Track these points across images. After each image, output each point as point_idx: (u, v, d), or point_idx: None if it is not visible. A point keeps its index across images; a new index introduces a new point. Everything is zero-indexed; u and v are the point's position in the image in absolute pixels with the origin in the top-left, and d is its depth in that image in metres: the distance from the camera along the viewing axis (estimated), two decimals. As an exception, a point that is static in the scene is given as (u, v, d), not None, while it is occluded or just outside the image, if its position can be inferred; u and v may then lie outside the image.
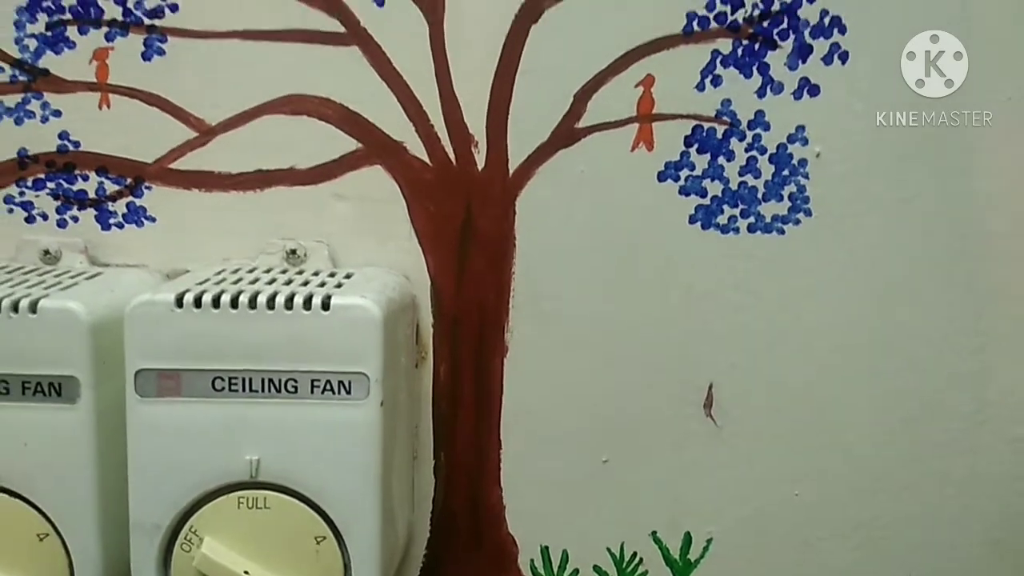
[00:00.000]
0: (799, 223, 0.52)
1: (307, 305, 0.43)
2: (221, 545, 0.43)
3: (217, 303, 0.43)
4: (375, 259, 0.52)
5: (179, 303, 0.43)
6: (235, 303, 0.43)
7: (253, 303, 0.43)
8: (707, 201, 0.52)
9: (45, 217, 0.52)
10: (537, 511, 0.55)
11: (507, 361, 0.53)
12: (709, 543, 0.55)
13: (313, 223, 0.52)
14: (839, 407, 0.54)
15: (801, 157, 0.52)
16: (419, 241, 0.52)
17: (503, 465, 0.54)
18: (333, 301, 0.43)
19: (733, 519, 0.55)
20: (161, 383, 0.43)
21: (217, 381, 0.43)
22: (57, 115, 0.51)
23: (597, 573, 0.55)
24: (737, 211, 0.52)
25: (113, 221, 0.52)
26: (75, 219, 0.52)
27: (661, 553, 0.55)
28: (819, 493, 0.55)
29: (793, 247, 0.52)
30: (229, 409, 0.43)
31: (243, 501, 0.44)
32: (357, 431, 0.44)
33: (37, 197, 0.51)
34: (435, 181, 0.52)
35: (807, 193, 0.52)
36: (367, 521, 0.44)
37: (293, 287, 0.45)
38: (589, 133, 0.51)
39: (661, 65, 0.50)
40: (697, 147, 0.52)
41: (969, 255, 0.53)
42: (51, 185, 0.51)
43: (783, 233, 0.52)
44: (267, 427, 0.43)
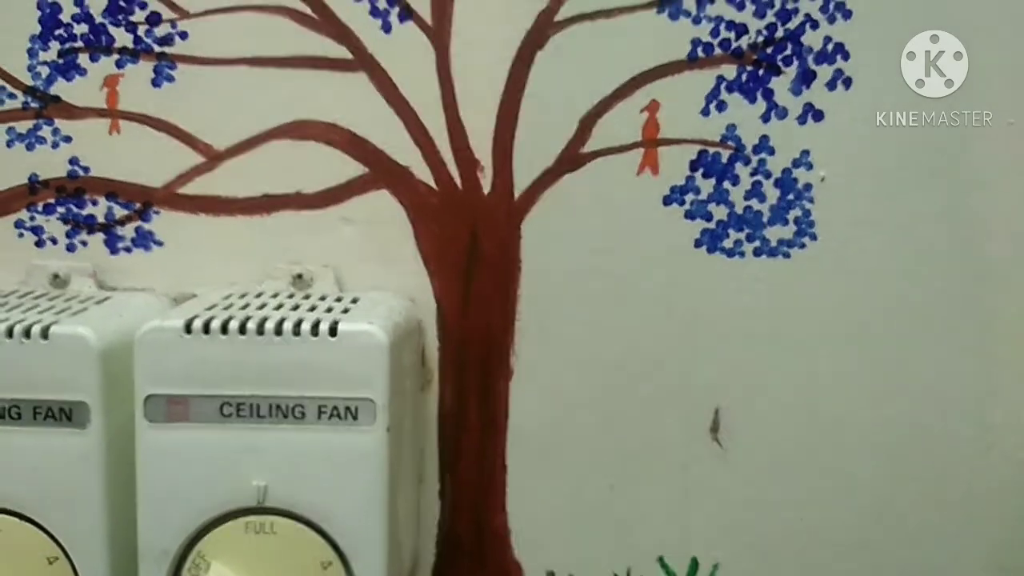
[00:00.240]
0: (804, 247, 0.53)
1: (314, 331, 0.44)
2: (228, 570, 0.43)
3: (225, 329, 0.43)
4: (381, 283, 0.52)
5: (188, 329, 0.43)
6: (243, 329, 0.43)
7: (261, 329, 0.43)
8: (712, 225, 0.52)
9: (55, 241, 0.52)
10: (543, 536, 0.55)
11: (513, 384, 0.54)
12: (716, 568, 0.55)
13: (320, 247, 0.52)
14: (844, 431, 0.54)
15: (806, 181, 0.52)
16: (425, 265, 0.53)
17: (509, 489, 0.54)
18: (340, 327, 0.44)
19: (739, 544, 0.55)
20: (170, 408, 0.43)
21: (225, 407, 0.43)
22: (68, 141, 0.51)
23: (603, 597, 0.55)
24: (743, 235, 0.52)
25: (122, 245, 0.52)
26: (84, 243, 0.52)
27: (667, 577, 0.55)
28: (825, 517, 0.55)
29: (799, 271, 0.53)
30: (237, 435, 0.43)
31: (250, 526, 0.44)
32: (364, 457, 0.44)
33: (47, 222, 0.52)
34: (441, 205, 0.52)
35: (812, 217, 0.52)
36: (373, 546, 0.44)
37: (300, 313, 0.46)
38: (595, 158, 0.52)
39: (666, 91, 0.51)
40: (702, 172, 0.52)
41: (974, 279, 0.53)
42: (61, 210, 0.52)
43: (788, 257, 0.53)
44: (274, 453, 0.44)
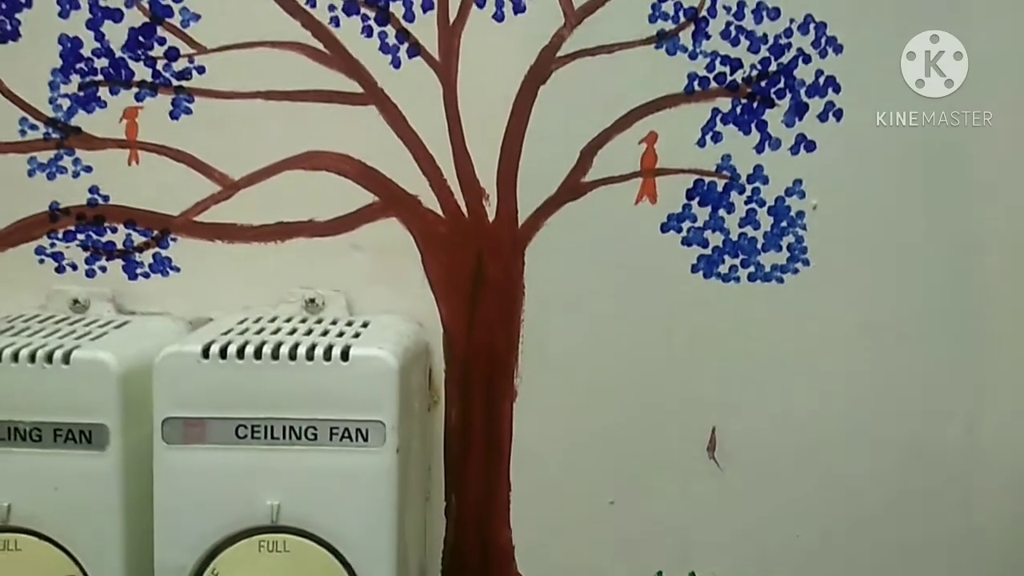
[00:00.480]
0: (797, 272, 0.54)
1: (327, 356, 0.45)
2: (242, 587, 0.45)
3: (241, 354, 0.45)
4: (390, 307, 0.54)
5: (205, 354, 0.45)
6: (258, 354, 0.45)
7: (276, 354, 0.45)
8: (709, 251, 0.54)
9: (75, 267, 0.54)
10: (546, 551, 0.56)
11: (516, 405, 0.55)
12: (713, 583, 0.57)
13: (331, 273, 0.54)
14: (838, 449, 0.56)
15: (799, 209, 0.54)
16: (432, 289, 0.55)
17: (512, 506, 0.56)
18: (352, 352, 0.45)
19: (737, 559, 0.56)
20: (187, 431, 0.45)
21: (240, 429, 0.45)
22: (88, 171, 0.53)
23: (604, 612, 0.57)
24: (738, 261, 0.54)
25: (140, 271, 0.54)
26: (103, 269, 0.54)
27: (667, 592, 0.57)
28: (820, 533, 0.56)
29: (792, 296, 0.54)
30: (251, 456, 0.45)
31: (263, 544, 0.45)
32: (374, 477, 0.45)
33: (67, 248, 0.54)
34: (448, 232, 0.54)
35: (805, 244, 0.54)
36: (382, 563, 0.46)
37: (313, 337, 0.47)
38: (595, 187, 0.54)
39: (664, 122, 0.53)
40: (698, 200, 0.54)
41: (961, 301, 0.55)
42: (81, 237, 0.54)
43: (782, 282, 0.54)
44: (287, 473, 0.45)
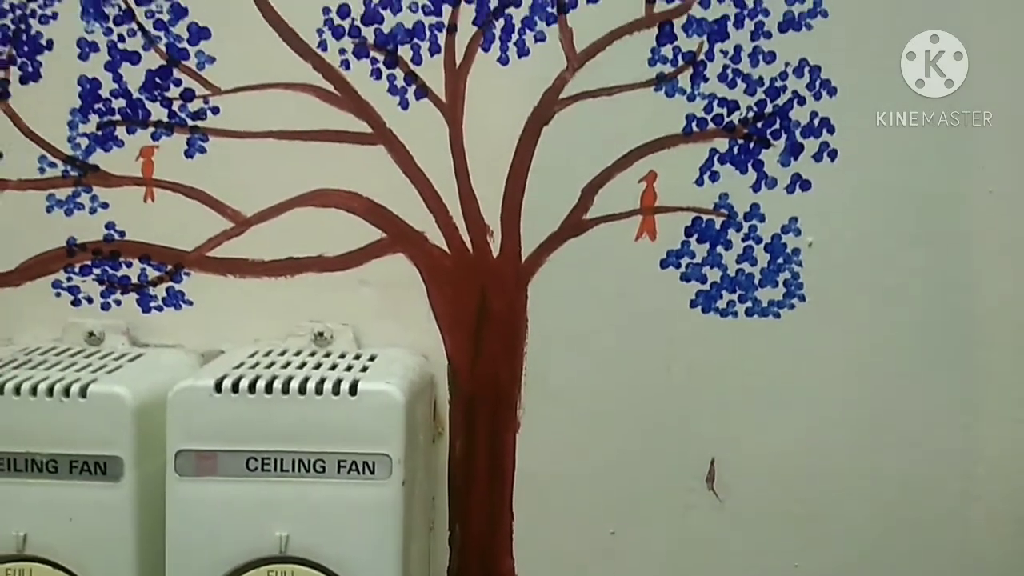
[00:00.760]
0: (794, 308, 0.56)
1: (335, 390, 0.47)
2: (251, 616, 0.46)
3: (253, 388, 0.46)
4: (396, 340, 0.56)
5: (218, 388, 0.46)
6: (269, 388, 0.46)
7: (286, 388, 0.47)
8: (707, 287, 0.56)
9: (90, 300, 0.55)
10: (548, 581, 0.57)
11: (519, 436, 0.56)
12: (712, 613, 0.57)
13: (339, 307, 0.55)
14: (835, 481, 0.57)
15: (795, 246, 0.55)
16: (438, 323, 0.56)
17: (515, 536, 0.57)
18: (359, 386, 0.47)
19: (735, 589, 0.57)
20: (199, 463, 0.46)
21: (251, 461, 0.46)
22: (105, 207, 0.55)
23: (605, 641, 0.58)
24: (735, 296, 0.56)
25: (153, 304, 0.55)
26: (118, 302, 0.55)
27: (667, 622, 0.58)
28: (818, 564, 0.57)
29: (789, 330, 0.56)
30: (261, 488, 0.46)
31: (272, 574, 0.46)
32: (380, 509, 0.47)
33: (84, 282, 0.55)
34: (453, 268, 0.56)
35: (801, 280, 0.55)
36: (388, 593, 0.47)
37: (322, 371, 0.49)
38: (596, 224, 0.55)
39: (663, 162, 0.55)
40: (697, 237, 0.55)
41: (956, 337, 0.56)
42: (97, 271, 0.55)
43: (779, 317, 0.56)
44: (296, 505, 0.46)
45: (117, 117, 0.54)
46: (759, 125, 0.55)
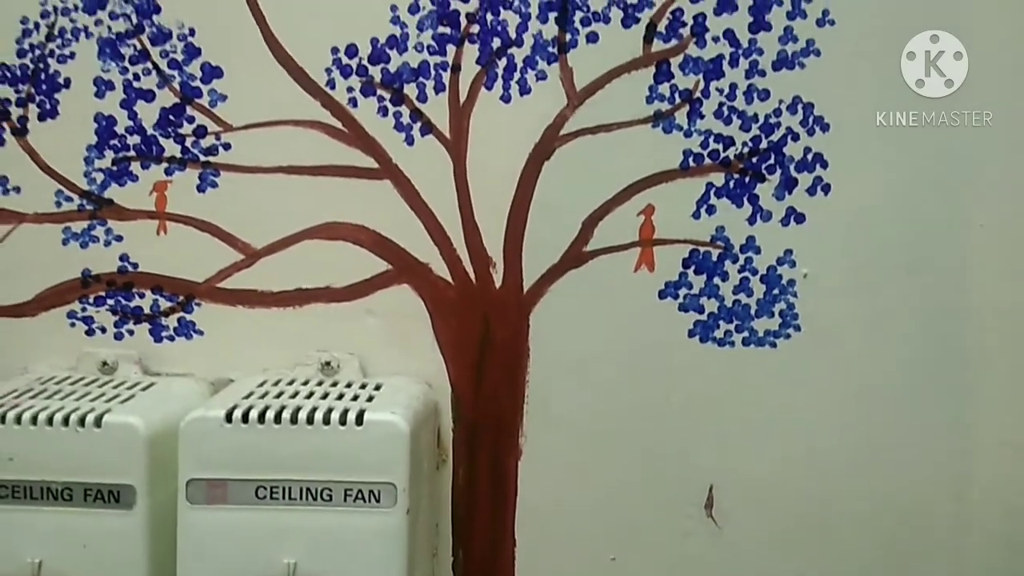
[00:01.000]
0: (789, 337, 0.57)
1: (342, 420, 0.48)
2: (259, 642, 0.47)
3: (262, 418, 0.48)
4: (401, 368, 0.57)
5: (228, 419, 0.48)
6: (278, 418, 0.48)
7: (294, 418, 0.48)
8: (704, 317, 0.57)
9: (104, 330, 0.57)
10: (549, 606, 0.58)
11: (521, 463, 0.58)
12: (711, 638, 0.58)
13: (346, 336, 0.57)
14: (832, 507, 0.58)
15: (790, 278, 0.57)
16: (441, 352, 0.57)
17: (517, 562, 0.58)
18: (366, 417, 0.48)
19: (734, 615, 0.58)
20: (210, 491, 0.47)
21: (260, 490, 0.48)
22: (119, 240, 0.57)
23: (606, 665, 0.58)
24: (732, 326, 0.57)
25: (165, 334, 0.57)
26: (131, 332, 0.57)
27: (666, 647, 0.58)
28: (815, 589, 0.58)
29: (784, 359, 0.57)
30: (270, 516, 0.48)
31: (280, 600, 0.48)
32: (385, 536, 0.48)
33: (97, 313, 0.57)
34: (457, 298, 0.57)
35: (796, 310, 0.57)
36: (392, 619, 0.48)
37: (329, 401, 0.50)
38: (596, 256, 0.57)
39: (661, 196, 0.56)
40: (694, 268, 0.57)
41: (949, 366, 0.57)
42: (111, 302, 0.57)
43: (775, 347, 0.57)
44: (304, 532, 0.48)
45: (132, 153, 0.56)
46: (754, 160, 0.56)
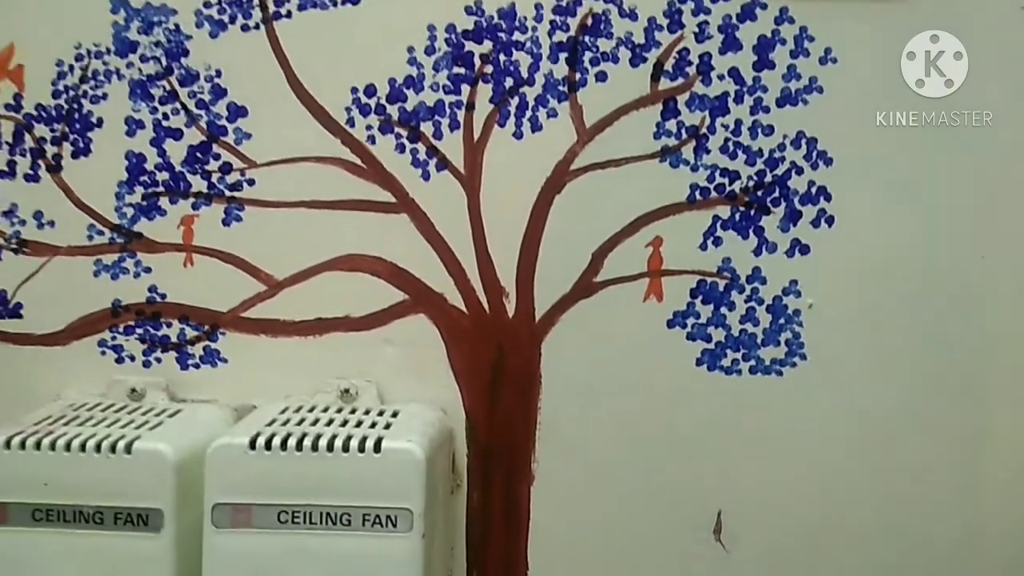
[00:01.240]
0: (795, 366, 0.58)
1: (361, 448, 0.50)
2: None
3: (284, 446, 0.50)
4: (417, 395, 0.59)
5: (252, 446, 0.50)
6: (299, 446, 0.50)
7: (315, 446, 0.50)
8: (712, 346, 0.59)
9: (133, 359, 0.59)
10: (561, 629, 0.60)
11: (534, 488, 0.59)
12: (721, 661, 0.59)
13: (364, 364, 0.59)
14: (838, 532, 0.59)
15: (795, 308, 0.58)
16: (456, 379, 0.59)
17: (530, 584, 0.60)
18: (383, 444, 0.50)
19: (743, 638, 0.59)
20: (234, 516, 0.49)
21: (282, 514, 0.50)
22: (148, 271, 0.59)
23: None
24: (739, 355, 0.59)
25: (191, 362, 0.59)
26: (159, 360, 0.59)
27: (676, 669, 0.59)
28: (823, 613, 0.59)
29: (791, 387, 0.58)
30: (292, 539, 0.49)
31: (301, 622, 0.49)
32: (402, 560, 0.50)
33: (127, 341, 0.59)
34: (471, 327, 0.59)
35: (802, 339, 0.58)
36: (409, 641, 0.50)
37: (348, 429, 0.52)
38: (606, 286, 0.58)
39: (668, 228, 0.58)
40: (702, 299, 0.58)
41: (954, 392, 0.58)
42: (139, 331, 0.59)
43: (781, 375, 0.58)
44: (324, 556, 0.49)
45: (160, 188, 0.59)
46: (759, 193, 0.58)
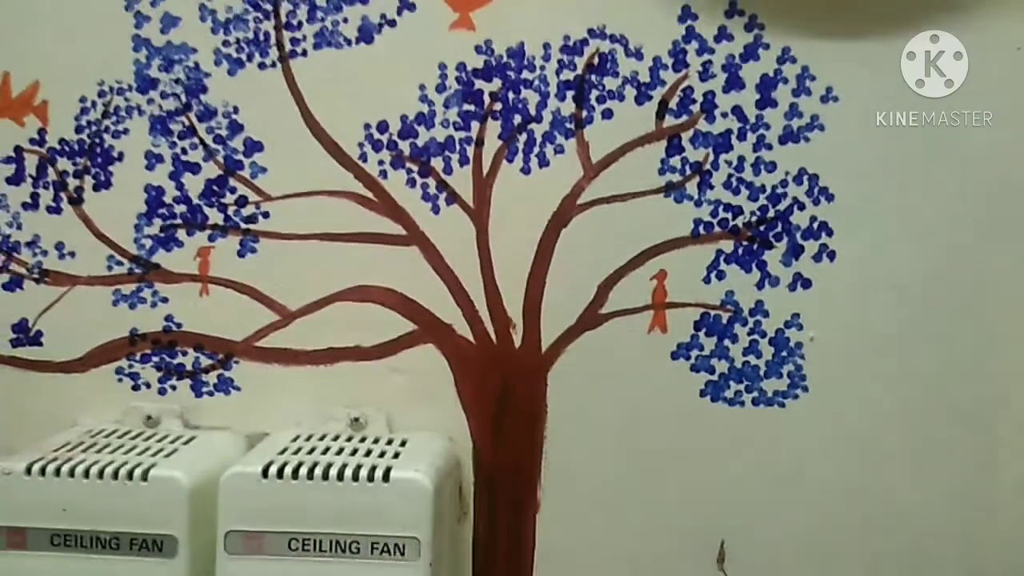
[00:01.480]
0: (797, 397, 0.59)
1: (370, 477, 0.51)
2: None
3: (296, 474, 0.51)
4: (426, 423, 0.60)
5: (264, 474, 0.51)
6: (311, 475, 0.51)
7: (325, 475, 0.51)
8: (715, 377, 0.60)
9: (148, 386, 0.61)
10: (566, 656, 0.60)
11: (539, 516, 0.60)
12: None
13: (374, 393, 0.60)
14: (841, 563, 0.60)
15: (797, 340, 0.59)
16: (463, 408, 0.60)
17: (535, 612, 0.60)
18: (392, 474, 0.51)
19: (746, 668, 0.60)
20: (246, 542, 0.51)
21: (293, 542, 0.51)
22: (164, 301, 0.61)
23: None
24: (742, 386, 0.60)
25: (205, 390, 0.61)
26: (174, 388, 0.61)
27: None
28: (826, 644, 0.60)
29: (793, 419, 0.59)
30: (302, 567, 0.51)
31: (310, 648, 0.50)
32: (410, 588, 0.51)
33: (143, 369, 0.61)
34: (478, 357, 0.60)
35: (804, 371, 0.59)
36: (415, 668, 0.50)
37: (357, 458, 0.53)
38: (611, 318, 0.60)
39: (673, 262, 0.59)
40: (705, 331, 0.60)
41: (954, 423, 0.59)
42: (155, 359, 0.61)
43: (783, 406, 0.59)
44: (333, 583, 0.51)
45: (178, 221, 0.60)
46: (762, 228, 0.59)
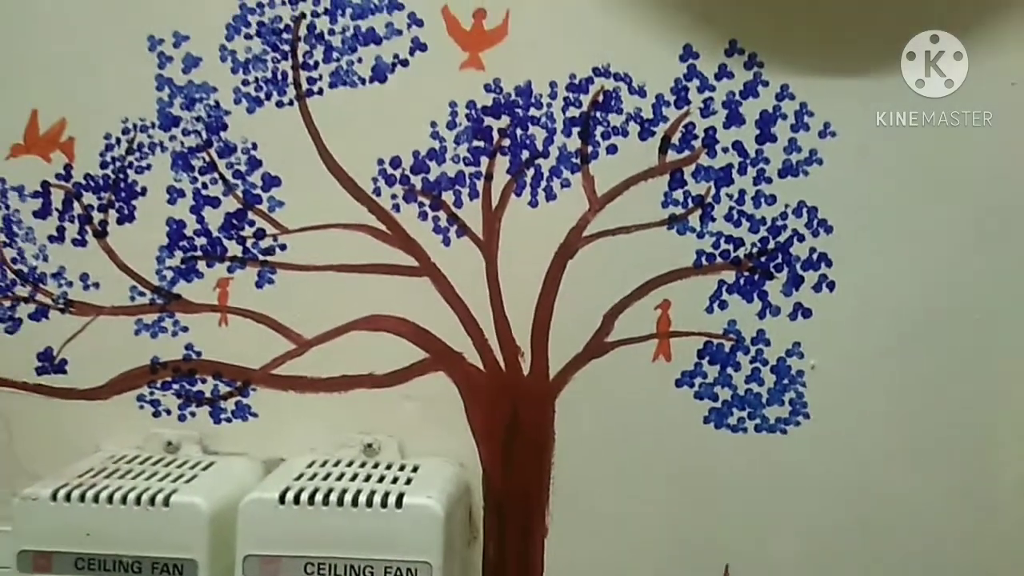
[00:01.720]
0: (799, 424, 0.61)
1: (383, 503, 0.53)
2: None
3: (312, 500, 0.53)
4: (437, 449, 0.62)
5: (281, 500, 0.53)
6: (326, 500, 0.53)
7: (340, 501, 0.53)
8: (718, 405, 0.61)
9: (169, 412, 0.63)
10: None
11: (547, 540, 0.62)
12: None
13: (386, 419, 0.62)
14: (844, 587, 0.61)
15: (798, 369, 0.61)
16: (473, 435, 0.62)
17: (544, 635, 0.62)
18: (404, 500, 0.53)
19: None
20: (264, 567, 0.52)
21: (308, 566, 0.52)
22: (185, 331, 0.63)
23: None
24: (744, 413, 0.61)
25: (224, 416, 0.63)
26: (193, 414, 0.63)
27: None
28: (830, 667, 0.61)
29: (795, 445, 0.61)
30: (317, 591, 0.52)
31: (324, 670, 0.52)
32: (421, 611, 0.52)
33: (164, 396, 0.63)
34: (488, 384, 0.62)
35: (805, 399, 0.61)
36: None
37: (371, 484, 0.55)
38: (617, 346, 0.61)
39: (676, 292, 0.61)
40: (708, 359, 0.61)
41: (955, 450, 0.60)
42: (176, 387, 0.63)
43: (785, 433, 0.61)
44: (347, 607, 0.52)
45: (199, 253, 0.63)
46: (763, 259, 0.61)
